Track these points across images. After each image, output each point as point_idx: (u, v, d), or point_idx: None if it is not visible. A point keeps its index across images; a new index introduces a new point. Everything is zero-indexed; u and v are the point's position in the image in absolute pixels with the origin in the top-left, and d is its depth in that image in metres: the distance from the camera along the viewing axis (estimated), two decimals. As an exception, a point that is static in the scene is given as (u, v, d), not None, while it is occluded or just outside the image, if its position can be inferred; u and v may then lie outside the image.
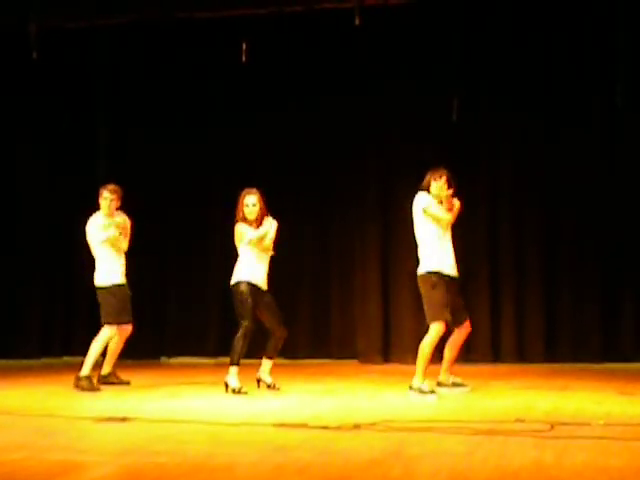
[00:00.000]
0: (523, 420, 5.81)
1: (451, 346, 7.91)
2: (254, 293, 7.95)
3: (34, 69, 11.11)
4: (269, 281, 8.16)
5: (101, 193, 8.58)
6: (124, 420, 5.91)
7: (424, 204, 7.62)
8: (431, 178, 7.67)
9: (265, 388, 8.09)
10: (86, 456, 4.74)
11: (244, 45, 10.61)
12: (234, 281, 8.02)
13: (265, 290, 8.09)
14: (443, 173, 7.67)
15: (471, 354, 10.68)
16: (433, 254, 7.61)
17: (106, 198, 8.54)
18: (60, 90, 12.04)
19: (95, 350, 8.31)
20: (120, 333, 8.59)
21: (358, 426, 5.55)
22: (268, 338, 8.15)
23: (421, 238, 7.70)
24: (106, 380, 8.56)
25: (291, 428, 5.58)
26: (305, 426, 5.62)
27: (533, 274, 11.08)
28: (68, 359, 11.19)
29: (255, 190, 8.08)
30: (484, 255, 11.19)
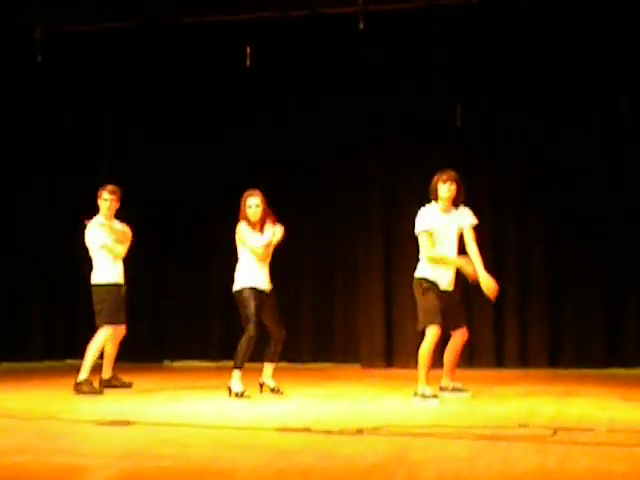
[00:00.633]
0: (526, 425, 5.80)
1: (449, 351, 7.90)
2: (258, 297, 7.94)
3: (39, 72, 11.13)
4: (272, 282, 8.17)
5: (100, 194, 8.56)
6: (127, 423, 5.91)
7: (419, 229, 7.57)
8: (438, 180, 7.62)
9: (268, 392, 8.09)
10: (88, 459, 4.73)
11: (248, 49, 10.62)
12: (237, 287, 8.02)
13: (269, 291, 8.09)
14: (450, 175, 7.63)
15: (475, 359, 10.69)
16: (426, 266, 7.59)
17: (106, 199, 8.53)
18: (64, 93, 12.08)
19: (92, 353, 8.27)
20: (115, 335, 8.56)
21: (361, 431, 5.54)
22: (269, 341, 8.15)
23: (420, 246, 7.66)
24: (108, 384, 8.55)
25: (294, 432, 5.57)
26: (308, 430, 5.62)
27: (537, 279, 11.07)
28: (71, 362, 11.19)
29: (258, 191, 8.07)
30: (487, 260, 11.09)
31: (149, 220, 11.20)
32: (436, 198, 7.61)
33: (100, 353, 8.43)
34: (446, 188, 7.55)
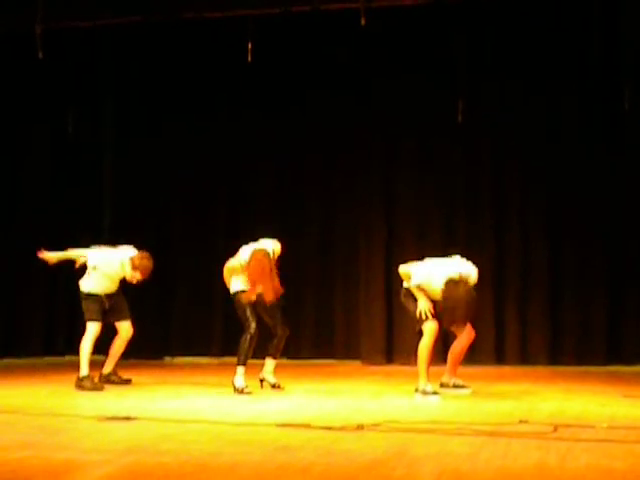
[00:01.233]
0: (527, 422, 5.80)
1: (454, 350, 7.92)
2: (256, 298, 7.95)
3: (40, 69, 11.12)
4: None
5: (134, 264, 8.45)
6: (128, 419, 5.91)
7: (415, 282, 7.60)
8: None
9: (269, 388, 8.10)
10: (90, 455, 4.74)
11: (250, 45, 10.62)
12: (233, 290, 8.04)
13: None
14: None
15: (475, 356, 10.67)
16: (416, 276, 7.61)
17: (134, 276, 8.47)
18: (65, 89, 12.07)
19: (85, 349, 8.29)
20: (121, 333, 8.58)
21: (361, 427, 5.55)
22: (270, 338, 8.16)
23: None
24: (107, 379, 8.56)
25: (294, 428, 5.58)
26: (308, 426, 5.62)
27: (538, 276, 11.08)
28: (71, 358, 11.17)
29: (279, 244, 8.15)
30: (489, 257, 11.18)
31: (150, 216, 11.20)
32: None
33: (94, 349, 8.42)
34: None
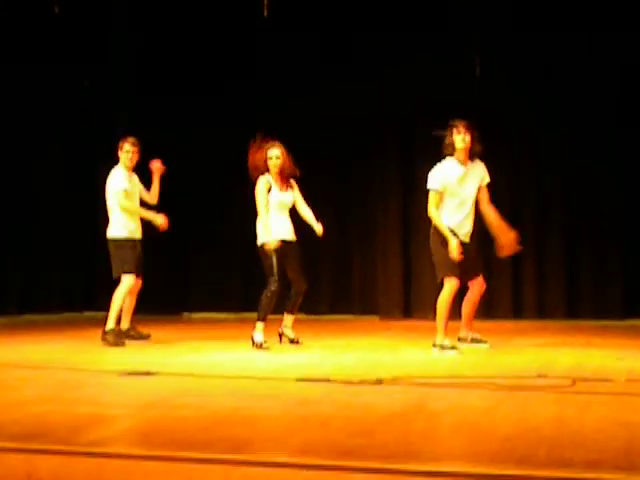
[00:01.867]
0: (545, 376, 5.81)
1: (467, 303, 7.93)
2: (281, 249, 7.95)
3: (55, 24, 11.06)
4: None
5: (121, 146, 8.55)
6: (148, 374, 5.96)
7: (429, 186, 7.59)
8: (452, 132, 7.61)
9: (287, 343, 8.14)
10: (111, 409, 4.79)
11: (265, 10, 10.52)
12: (261, 241, 8.02)
13: (293, 241, 8.11)
14: (462, 124, 7.61)
15: (493, 310, 10.70)
16: (445, 211, 7.60)
17: (128, 151, 8.53)
18: (80, 46, 12.00)
19: (117, 302, 8.30)
20: (132, 287, 8.59)
21: (380, 381, 5.57)
22: (289, 293, 8.18)
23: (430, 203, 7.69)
24: (126, 335, 8.58)
25: (313, 382, 5.61)
26: (327, 380, 5.65)
27: (554, 230, 11.07)
28: (89, 314, 11.28)
29: (278, 143, 8.07)
30: (505, 211, 11.12)
31: (170, 175, 11.19)
32: (452, 151, 7.61)
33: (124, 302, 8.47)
34: (461, 139, 7.57)
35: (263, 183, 8.02)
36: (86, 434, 4.04)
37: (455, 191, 7.59)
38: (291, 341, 8.15)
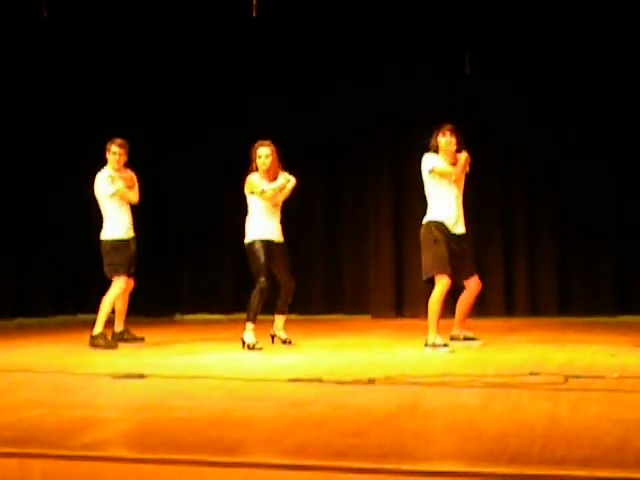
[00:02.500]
0: (537, 373, 5.82)
1: (462, 302, 7.96)
2: (269, 249, 7.96)
3: (44, 28, 11.03)
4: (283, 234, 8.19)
5: (109, 148, 8.53)
6: (141, 377, 5.95)
7: (430, 165, 7.65)
8: (438, 134, 7.70)
9: (280, 344, 8.14)
10: (104, 412, 4.78)
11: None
12: (248, 240, 8.02)
13: (280, 242, 8.11)
14: (448, 128, 7.71)
15: (485, 308, 10.71)
16: (436, 208, 7.65)
17: (114, 153, 8.51)
18: (70, 48, 11.97)
19: (107, 305, 8.28)
20: (124, 288, 8.56)
21: (373, 381, 5.58)
22: (279, 293, 8.18)
23: (428, 195, 7.74)
24: (120, 337, 8.58)
25: (306, 383, 5.61)
26: (320, 381, 5.65)
27: (546, 226, 11.09)
28: (82, 316, 11.25)
29: (268, 142, 8.07)
30: (497, 208, 11.20)
31: (160, 173, 11.18)
32: (437, 152, 7.70)
33: (113, 307, 8.46)
34: (446, 142, 7.67)
35: (254, 176, 8.00)
36: (79, 437, 4.03)
37: (447, 187, 7.64)
38: (283, 342, 8.14)
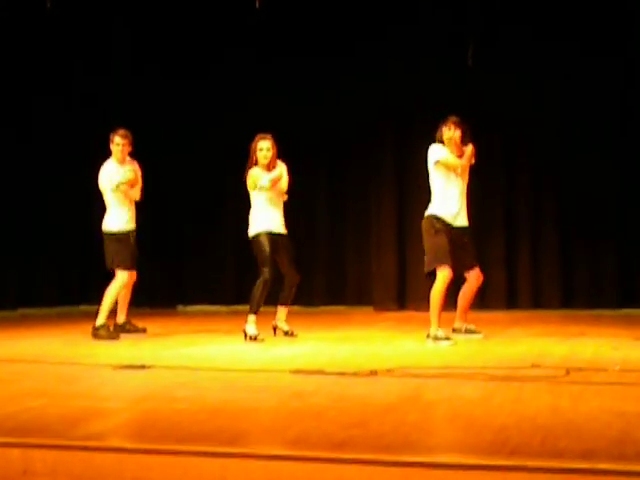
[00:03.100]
0: (539, 366, 5.83)
1: (464, 294, 7.97)
2: (273, 241, 7.96)
3: (45, 23, 11.03)
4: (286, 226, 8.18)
5: (112, 139, 8.53)
6: (143, 367, 5.96)
7: (436, 156, 7.64)
8: (443, 126, 7.70)
9: (282, 335, 8.14)
10: (106, 403, 4.79)
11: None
12: (253, 232, 8.02)
13: (284, 234, 8.11)
14: (454, 120, 7.70)
15: (487, 300, 10.71)
16: (439, 201, 7.67)
17: (118, 144, 8.51)
18: (72, 44, 11.94)
19: (110, 297, 8.29)
20: (127, 280, 8.56)
21: (375, 372, 5.58)
22: (282, 285, 8.19)
23: (432, 186, 7.75)
24: (122, 329, 8.58)
25: (308, 374, 5.62)
26: (322, 372, 5.66)
27: (549, 219, 11.08)
28: (85, 307, 11.25)
29: (269, 135, 8.07)
30: (500, 200, 11.19)
31: (162, 166, 11.18)
32: (443, 143, 7.70)
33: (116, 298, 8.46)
34: (451, 134, 7.64)
35: (256, 169, 8.00)
36: (81, 428, 4.04)
37: (451, 179, 7.65)
38: (285, 333, 8.15)
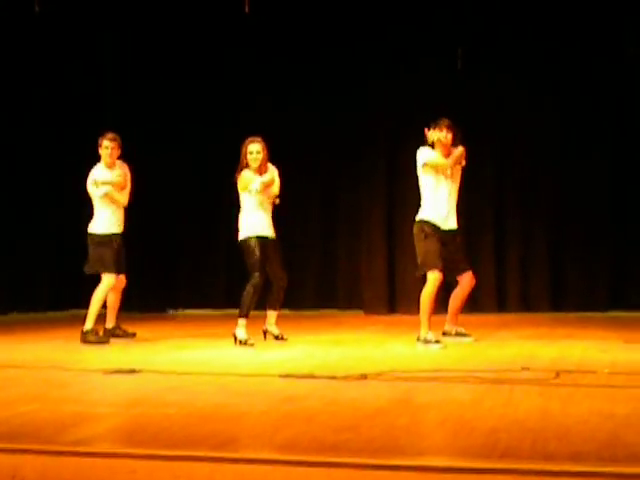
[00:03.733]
0: (529, 368, 5.83)
1: (455, 297, 7.97)
2: (263, 245, 7.96)
3: (36, 23, 11.00)
4: (275, 230, 8.18)
5: (100, 143, 8.52)
6: (133, 372, 5.95)
7: (424, 159, 7.63)
8: (433, 129, 7.68)
9: (272, 339, 8.14)
10: (96, 408, 4.78)
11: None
12: (243, 236, 8.02)
13: (273, 238, 8.10)
14: (444, 122, 7.69)
15: (477, 303, 10.74)
16: (428, 205, 7.66)
17: (107, 147, 8.49)
18: (62, 44, 11.93)
19: (97, 302, 8.28)
20: (116, 285, 8.54)
21: (365, 376, 5.58)
22: (270, 289, 8.18)
23: (422, 190, 7.74)
24: (111, 333, 8.56)
25: (299, 379, 5.61)
26: (313, 376, 5.65)
27: (539, 222, 11.12)
28: (76, 312, 11.22)
29: (259, 138, 8.06)
30: (489, 203, 11.22)
31: (154, 170, 11.18)
32: (433, 147, 7.69)
33: (104, 302, 8.45)
34: (442, 137, 7.64)
35: (246, 172, 7.99)
36: (71, 433, 4.03)
37: (441, 181, 7.65)
38: (276, 337, 8.14)
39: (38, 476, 3.60)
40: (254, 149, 8.01)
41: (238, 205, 8.17)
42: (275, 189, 8.08)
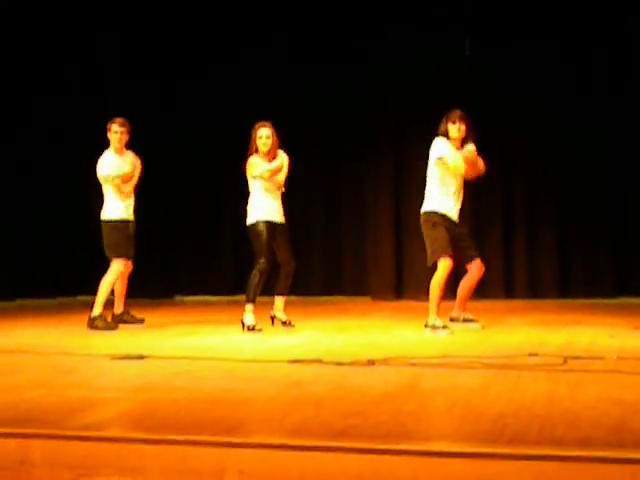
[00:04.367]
0: (536, 354, 5.83)
1: (464, 285, 7.96)
2: (270, 230, 7.95)
3: (36, 23, 11.00)
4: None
5: (109, 128, 8.50)
6: (141, 358, 5.96)
7: (440, 153, 7.58)
8: (448, 122, 7.62)
9: (279, 325, 8.14)
10: (104, 393, 4.79)
11: None
12: (251, 221, 8.01)
13: (282, 223, 8.09)
14: (459, 114, 7.63)
15: (484, 290, 10.70)
16: (435, 197, 7.63)
17: (116, 132, 8.47)
18: (62, 44, 11.90)
19: (105, 288, 8.29)
20: (122, 271, 8.55)
21: (372, 362, 5.58)
22: (278, 275, 8.17)
23: (429, 179, 7.71)
24: (120, 319, 8.58)
25: (306, 364, 5.61)
26: (320, 362, 5.66)
27: (546, 209, 11.09)
28: (83, 298, 11.26)
29: (269, 123, 8.04)
30: (497, 190, 11.19)
31: (160, 156, 11.17)
32: (447, 138, 7.63)
33: (112, 288, 8.46)
34: (456, 129, 7.59)
35: (255, 157, 7.98)
36: (79, 418, 4.04)
37: (450, 177, 7.62)
38: (283, 323, 8.15)
39: (46, 461, 3.61)
40: (263, 134, 7.99)
41: (244, 191, 8.15)
42: (281, 177, 8.06)
